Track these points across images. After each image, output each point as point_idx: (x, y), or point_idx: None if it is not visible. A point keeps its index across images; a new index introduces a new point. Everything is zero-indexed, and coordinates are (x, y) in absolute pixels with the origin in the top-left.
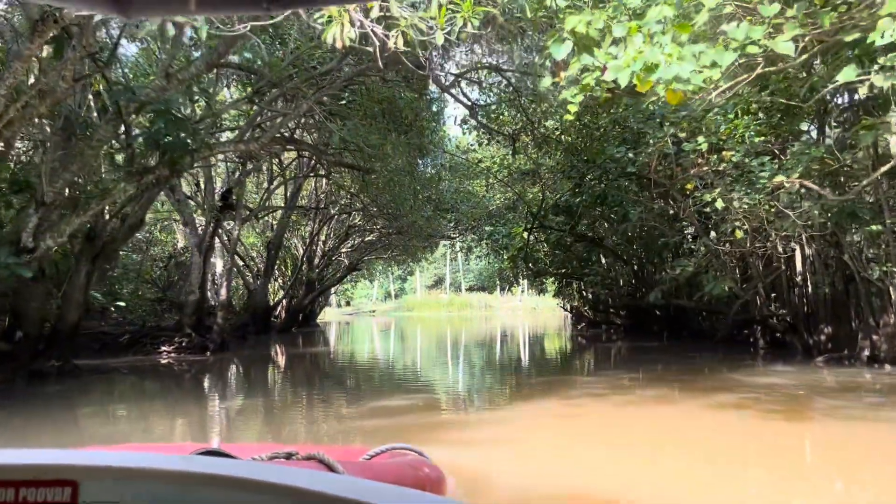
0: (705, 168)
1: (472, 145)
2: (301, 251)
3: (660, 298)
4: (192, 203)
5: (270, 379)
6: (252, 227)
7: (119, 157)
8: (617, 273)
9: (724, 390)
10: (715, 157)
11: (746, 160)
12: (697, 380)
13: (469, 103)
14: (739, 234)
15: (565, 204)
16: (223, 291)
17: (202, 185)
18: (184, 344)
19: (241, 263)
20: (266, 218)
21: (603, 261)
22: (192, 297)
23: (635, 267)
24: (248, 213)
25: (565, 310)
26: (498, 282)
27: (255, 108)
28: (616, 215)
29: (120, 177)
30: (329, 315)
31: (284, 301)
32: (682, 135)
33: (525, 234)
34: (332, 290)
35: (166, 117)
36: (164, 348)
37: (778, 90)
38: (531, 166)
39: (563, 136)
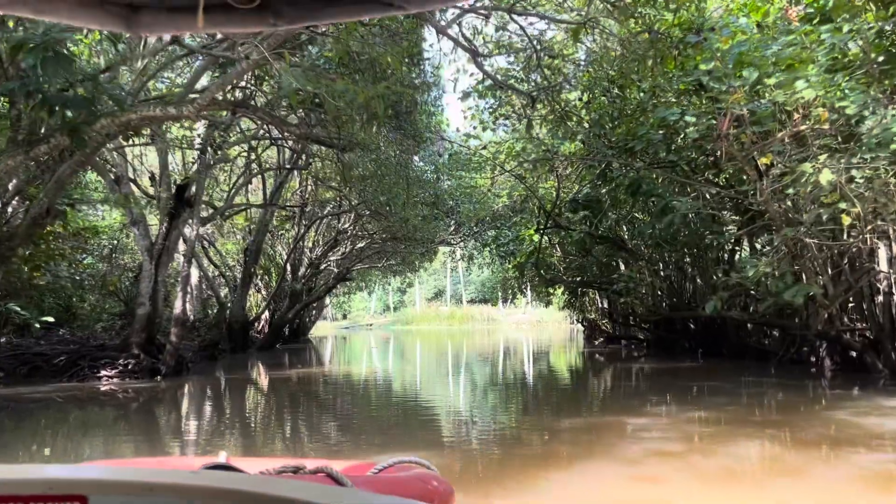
0: (802, 128)
1: (473, 127)
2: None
3: (719, 308)
4: (143, 197)
5: (233, 416)
6: (227, 232)
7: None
8: (652, 280)
9: (857, 444)
10: (818, 111)
11: (866, 114)
12: (795, 421)
13: (473, 49)
14: (847, 219)
15: (585, 198)
16: (178, 304)
17: (157, 177)
18: (130, 367)
19: (214, 272)
20: (244, 220)
21: (622, 267)
22: (142, 310)
23: (662, 273)
24: (212, 211)
25: (579, 322)
26: (500, 293)
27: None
28: (652, 208)
29: None
30: (323, 329)
31: (267, 314)
32: (771, 81)
33: (536, 237)
34: (327, 302)
35: (43, 54)
36: (104, 372)
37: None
38: (544, 149)
39: (588, 107)
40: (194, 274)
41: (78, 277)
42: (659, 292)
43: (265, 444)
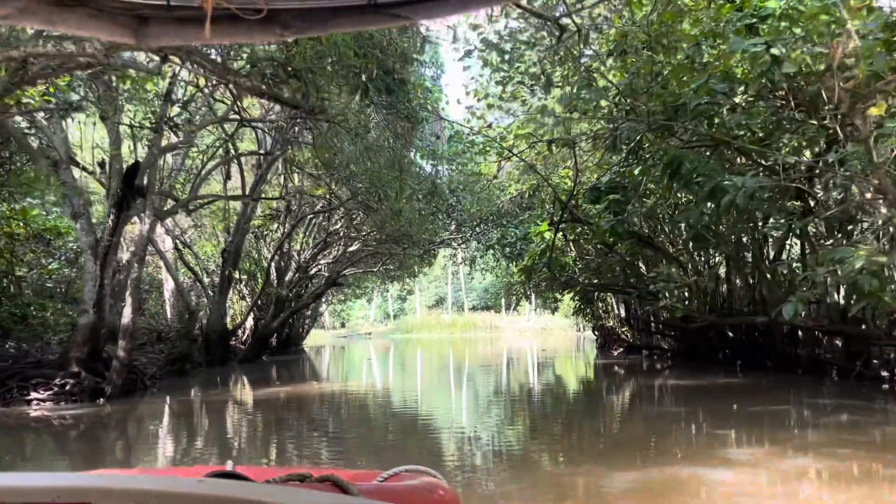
0: None
1: (479, 101)
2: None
3: (800, 312)
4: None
5: (190, 452)
6: (210, 234)
7: None
8: (696, 280)
9: None
10: None
11: None
12: None
13: None
14: None
15: (608, 185)
16: (127, 311)
17: (107, 165)
18: (67, 387)
19: (190, 277)
20: (218, 219)
21: (643, 268)
22: (85, 319)
23: (690, 271)
24: (173, 204)
25: (592, 330)
26: (504, 300)
27: None
28: (697, 192)
29: None
30: (320, 338)
31: (251, 323)
32: None
33: (549, 234)
34: (323, 309)
35: None
36: (34, 395)
37: None
38: (566, 114)
39: (621, 58)
40: (172, 282)
41: (50, 285)
42: (702, 295)
43: None
